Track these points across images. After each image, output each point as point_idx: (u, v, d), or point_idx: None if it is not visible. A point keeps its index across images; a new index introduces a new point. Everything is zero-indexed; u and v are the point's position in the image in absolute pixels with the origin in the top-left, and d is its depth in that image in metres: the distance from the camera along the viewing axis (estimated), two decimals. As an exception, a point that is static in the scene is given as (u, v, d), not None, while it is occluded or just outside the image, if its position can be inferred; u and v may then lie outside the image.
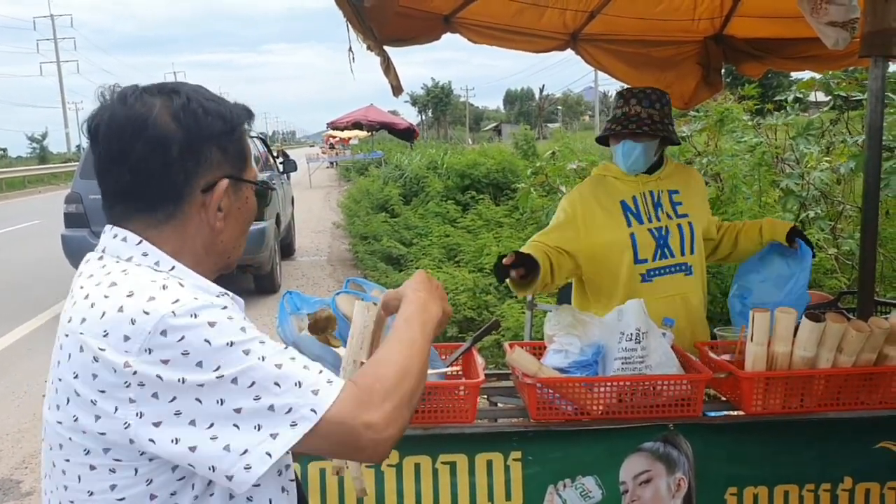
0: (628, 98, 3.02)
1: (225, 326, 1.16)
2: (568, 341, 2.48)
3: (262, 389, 1.14)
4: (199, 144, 1.27)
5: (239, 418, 1.13)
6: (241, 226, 1.38)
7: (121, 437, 1.15)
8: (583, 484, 2.37)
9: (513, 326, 6.17)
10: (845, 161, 6.08)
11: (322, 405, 1.16)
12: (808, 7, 3.09)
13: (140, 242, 1.28)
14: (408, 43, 3.45)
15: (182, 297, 1.17)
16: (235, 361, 1.14)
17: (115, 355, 1.13)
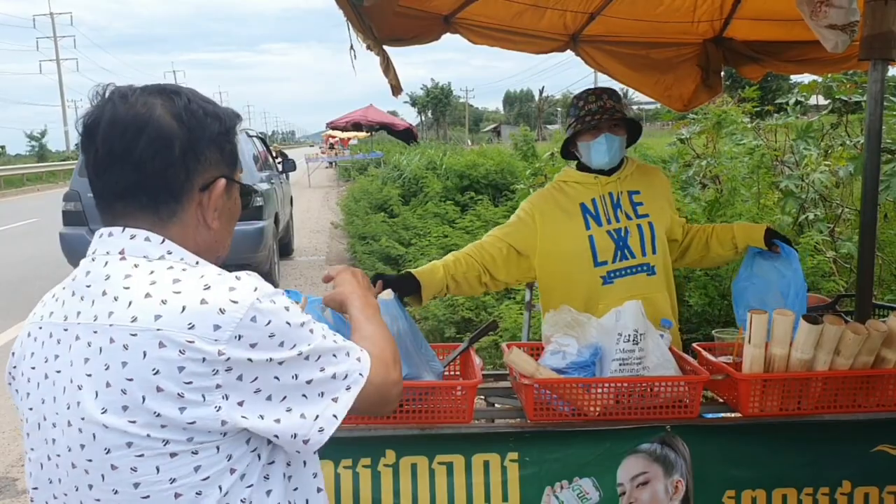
0: (600, 94, 3.05)
1: (294, 309, 1.30)
2: (565, 342, 2.48)
3: (326, 361, 1.33)
4: (200, 144, 1.33)
5: (309, 388, 1.30)
6: (230, 225, 1.45)
7: (212, 422, 1.22)
8: (580, 485, 2.37)
9: (510, 327, 6.17)
10: (844, 164, 6.09)
11: (367, 369, 1.39)
12: (807, 10, 3.09)
13: (164, 241, 1.32)
14: (407, 43, 3.45)
15: (258, 286, 1.28)
16: (306, 339, 1.30)
17: (205, 345, 1.20)
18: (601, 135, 3.01)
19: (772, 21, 3.81)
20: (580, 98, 3.09)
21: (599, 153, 3.03)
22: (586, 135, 3.03)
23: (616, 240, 3.00)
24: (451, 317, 7.17)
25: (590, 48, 4.04)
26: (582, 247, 2.99)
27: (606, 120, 2.99)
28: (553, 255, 3.04)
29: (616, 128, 3.03)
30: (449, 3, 3.40)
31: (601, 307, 2.89)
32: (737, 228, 3.14)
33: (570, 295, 2.99)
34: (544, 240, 3.03)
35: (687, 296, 5.54)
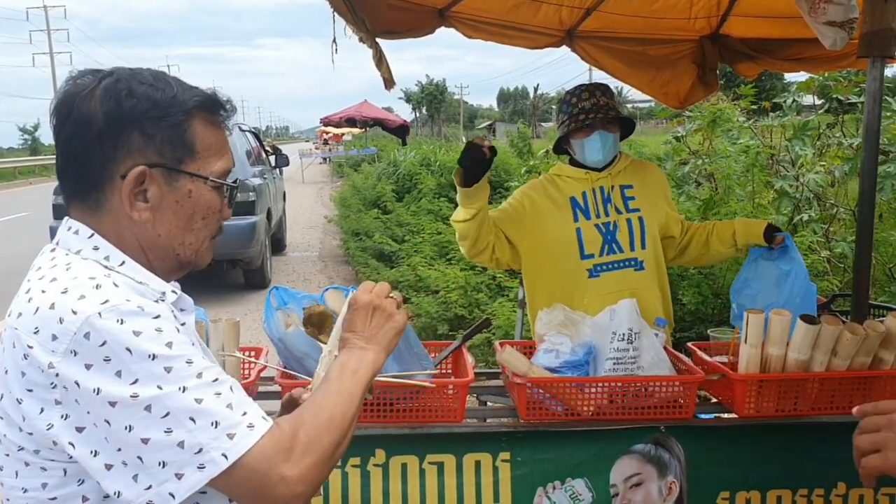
0: (593, 91, 3.03)
1: (151, 337, 1.10)
2: (559, 341, 2.44)
3: (175, 422, 1.08)
4: (117, 128, 1.20)
5: (145, 450, 1.08)
6: (184, 221, 1.28)
7: (44, 438, 1.12)
8: (573, 486, 2.34)
9: (503, 325, 6.14)
10: (839, 164, 6.06)
11: (235, 451, 1.09)
12: (806, 7, 3.06)
13: (92, 236, 1.23)
14: (401, 36, 3.41)
15: (112, 298, 1.12)
16: (153, 378, 1.08)
17: (42, 354, 1.10)
18: (595, 132, 2.99)
19: (769, 18, 3.78)
20: (573, 95, 3.06)
21: (593, 151, 3.01)
22: (580, 132, 3.01)
23: (604, 233, 2.98)
24: (443, 314, 7.13)
25: (585, 44, 4.00)
26: (569, 238, 2.98)
27: (601, 118, 2.97)
28: (540, 245, 3.03)
29: (609, 125, 3.02)
30: (443, -5, 3.36)
31: (586, 300, 2.88)
32: (738, 225, 3.13)
33: (555, 286, 2.98)
34: (532, 229, 3.02)
35: (681, 294, 5.52)
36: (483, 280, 7.69)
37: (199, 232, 1.31)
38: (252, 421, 1.12)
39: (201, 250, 1.33)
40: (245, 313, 7.92)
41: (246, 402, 1.15)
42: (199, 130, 1.26)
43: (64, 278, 1.16)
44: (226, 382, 1.15)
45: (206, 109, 1.28)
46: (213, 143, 1.29)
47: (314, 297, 2.37)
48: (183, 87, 1.26)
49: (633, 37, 3.99)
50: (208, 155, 1.28)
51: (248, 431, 1.11)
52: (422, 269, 8.37)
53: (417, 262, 8.79)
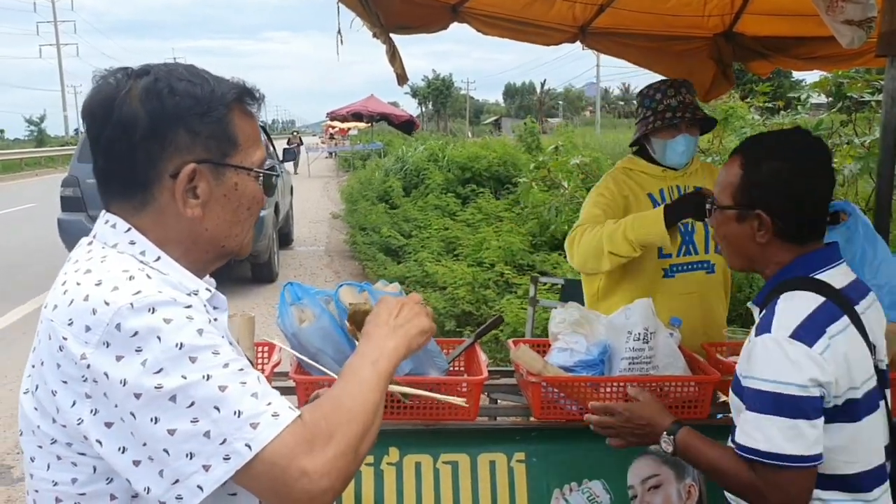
0: (678, 87, 2.91)
1: (180, 326, 1.09)
2: (574, 339, 2.42)
3: (200, 411, 1.06)
4: (163, 127, 1.20)
5: (171, 441, 1.06)
6: (231, 213, 1.28)
7: (75, 432, 1.12)
8: (590, 488, 2.32)
9: (512, 322, 6.13)
10: (850, 162, 6.04)
11: (258, 441, 1.07)
12: (823, 5, 3.03)
13: (129, 230, 1.23)
14: (415, 31, 3.40)
15: (144, 290, 1.11)
16: (179, 368, 1.07)
17: (75, 346, 1.09)
18: (679, 135, 2.90)
19: (783, 16, 3.76)
20: (656, 90, 2.93)
21: (676, 153, 2.93)
22: (663, 132, 2.90)
23: (683, 233, 2.89)
24: (451, 310, 7.13)
25: (599, 40, 3.99)
26: None
27: (687, 119, 2.87)
28: None
29: (692, 127, 2.93)
30: (457, -9, 3.35)
31: (657, 300, 2.82)
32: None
33: (631, 284, 2.92)
34: None
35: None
36: (490, 276, 7.68)
37: (245, 223, 1.32)
38: (277, 410, 1.10)
39: (245, 240, 1.34)
40: (252, 307, 7.93)
41: (271, 392, 1.13)
42: (238, 122, 1.27)
43: (98, 270, 1.15)
44: (252, 374, 1.13)
45: (242, 100, 1.28)
46: (250, 133, 1.30)
47: (328, 292, 2.36)
48: (217, 80, 1.26)
49: (647, 33, 3.97)
50: (248, 146, 1.29)
51: (272, 420, 1.08)
52: (429, 264, 8.35)
53: (425, 258, 8.78)
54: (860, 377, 1.70)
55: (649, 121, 2.91)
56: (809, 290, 1.71)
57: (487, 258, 8.23)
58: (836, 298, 1.70)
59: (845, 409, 1.68)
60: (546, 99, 73.64)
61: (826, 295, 1.69)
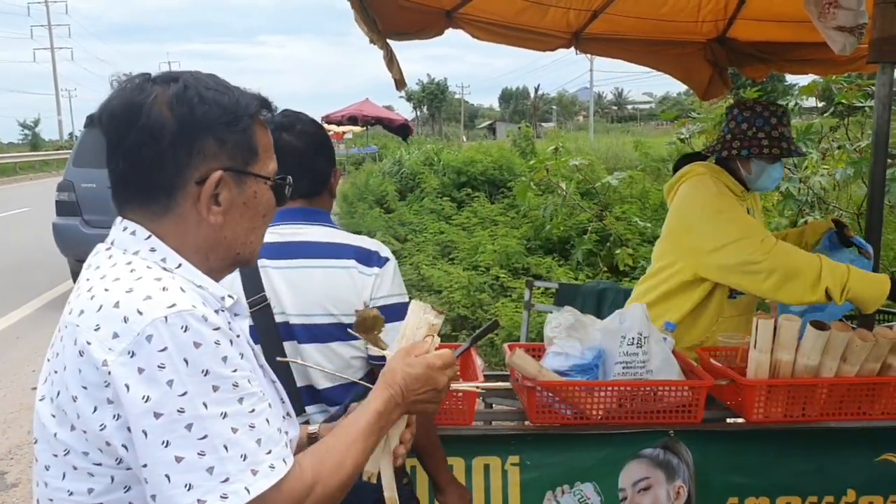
0: (789, 117, 2.84)
1: (209, 350, 1.11)
2: (569, 344, 2.44)
3: (209, 446, 1.08)
4: (191, 135, 1.21)
5: (175, 469, 1.07)
6: (249, 221, 1.31)
7: (97, 438, 1.12)
8: (581, 490, 2.34)
9: (507, 325, 6.14)
10: (843, 167, 6.07)
11: (256, 488, 1.10)
12: (815, 11, 3.06)
13: (149, 237, 1.23)
14: (411, 37, 3.42)
15: (179, 303, 1.12)
16: (201, 395, 1.09)
17: (99, 351, 1.09)
18: (778, 162, 2.84)
19: (776, 22, 3.79)
20: (772, 113, 2.82)
21: (772, 179, 2.87)
22: (768, 157, 2.81)
23: None
24: (446, 314, 7.13)
25: (593, 46, 4.01)
26: None
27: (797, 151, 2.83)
28: None
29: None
30: (451, -3, 3.37)
31: (720, 321, 2.82)
32: (807, 228, 3.06)
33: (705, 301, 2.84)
34: None
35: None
36: (486, 280, 7.69)
37: (260, 230, 1.34)
38: (273, 462, 1.14)
39: (257, 248, 1.36)
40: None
41: (274, 439, 1.16)
42: (258, 133, 1.30)
43: (127, 278, 1.16)
44: (262, 414, 1.15)
45: (262, 112, 1.31)
46: (267, 143, 1.33)
47: None
48: (239, 90, 1.29)
49: (641, 39, 4.00)
50: (266, 156, 1.32)
51: (269, 471, 1.12)
52: (426, 267, 8.37)
53: (421, 262, 8.79)
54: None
55: (762, 144, 2.79)
56: None
57: (483, 261, 8.25)
58: None
59: None
60: (540, 103, 73.76)
61: None
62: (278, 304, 1.89)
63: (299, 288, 1.90)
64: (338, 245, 1.94)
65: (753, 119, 2.82)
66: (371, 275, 1.92)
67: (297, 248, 1.92)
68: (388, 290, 1.93)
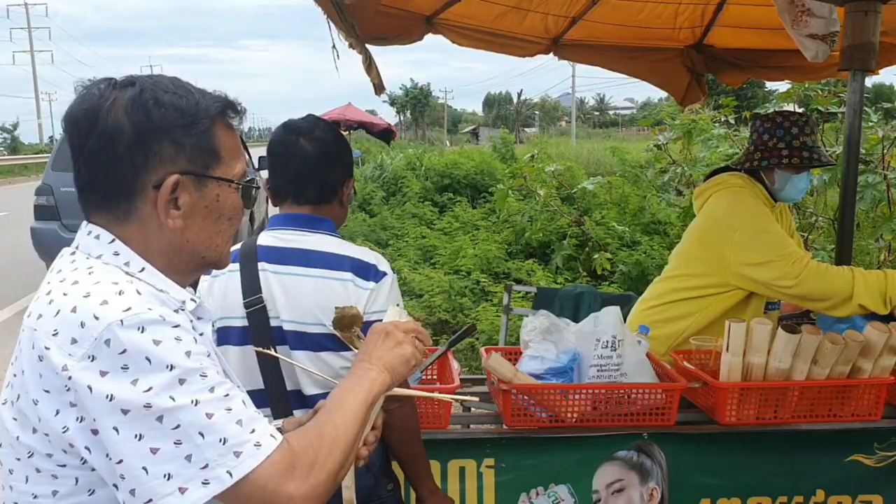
0: (814, 126, 2.82)
1: (170, 346, 1.11)
2: (544, 347, 2.46)
3: (184, 435, 1.08)
4: (147, 139, 1.20)
5: (152, 460, 1.07)
6: (212, 224, 1.29)
7: (60, 441, 1.11)
8: (555, 492, 2.35)
9: (487, 329, 6.16)
10: (818, 173, 6.13)
11: (240, 469, 1.10)
12: (788, 19, 3.11)
13: (113, 241, 1.23)
14: (390, 42, 3.42)
15: (135, 306, 1.12)
16: (168, 389, 1.08)
17: (58, 356, 1.09)
18: (805, 171, 2.82)
19: (752, 29, 3.83)
20: (793, 123, 2.81)
21: (798, 190, 2.86)
22: (793, 167, 2.81)
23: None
24: (427, 319, 7.14)
25: (572, 52, 4.04)
26: None
27: (822, 161, 2.80)
28: None
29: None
30: (431, 3, 3.38)
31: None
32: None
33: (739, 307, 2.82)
34: None
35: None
36: (467, 284, 7.71)
37: (226, 233, 1.33)
38: (260, 439, 1.13)
39: (225, 251, 1.35)
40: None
41: (255, 418, 1.15)
42: (221, 135, 1.28)
43: (86, 282, 1.16)
44: (237, 397, 1.15)
45: (225, 114, 1.30)
46: (232, 146, 1.31)
47: None
48: (202, 92, 1.27)
49: (619, 45, 4.03)
50: (230, 158, 1.30)
51: (254, 450, 1.11)
52: (407, 272, 8.37)
53: (402, 266, 8.79)
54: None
55: (783, 155, 2.79)
56: None
57: (464, 266, 8.26)
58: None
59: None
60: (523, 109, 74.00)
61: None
62: (273, 307, 1.90)
63: (294, 295, 1.90)
64: (337, 256, 1.94)
65: (774, 129, 2.83)
66: (367, 289, 1.91)
67: (296, 254, 1.93)
68: (382, 304, 1.90)
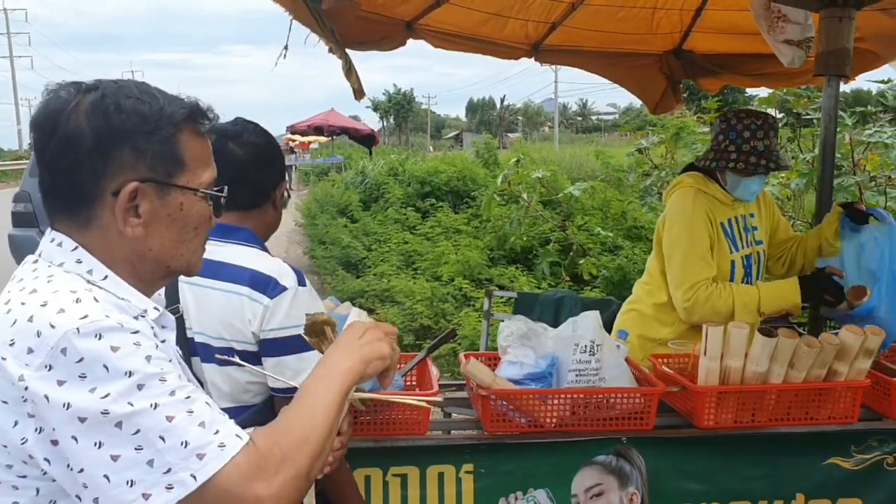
0: (767, 130, 2.78)
1: (128, 353, 1.08)
2: (523, 353, 2.45)
3: (144, 440, 1.05)
4: (107, 144, 1.18)
5: (113, 468, 1.05)
6: (176, 233, 1.26)
7: (19, 452, 1.09)
8: (534, 497, 2.35)
9: (470, 335, 6.15)
10: (796, 177, 6.20)
11: (204, 472, 1.07)
12: (765, 25, 3.13)
13: (75, 249, 1.21)
14: (371, 47, 3.42)
15: (91, 314, 1.09)
16: (126, 395, 1.06)
17: (14, 366, 1.06)
18: (757, 175, 2.80)
19: (730, 34, 3.87)
20: (745, 127, 2.78)
21: (748, 192, 2.85)
22: (737, 171, 2.80)
23: (747, 266, 2.86)
24: (409, 324, 7.13)
25: (552, 56, 4.06)
26: (726, 269, 2.82)
27: (771, 168, 2.78)
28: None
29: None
30: (411, 9, 3.39)
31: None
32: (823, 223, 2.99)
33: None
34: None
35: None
36: (449, 290, 7.70)
37: (191, 242, 1.30)
38: (224, 440, 1.10)
39: (193, 259, 1.32)
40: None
41: (220, 419, 1.12)
42: (186, 142, 1.25)
43: (44, 291, 1.13)
44: (200, 400, 1.12)
45: (193, 120, 1.27)
46: (199, 153, 1.28)
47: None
48: (168, 98, 1.25)
49: (599, 50, 4.05)
50: (196, 166, 1.27)
51: (218, 452, 1.08)
52: (391, 278, 8.37)
53: (384, 272, 8.78)
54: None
55: (731, 158, 2.79)
56: None
57: (446, 272, 8.26)
58: None
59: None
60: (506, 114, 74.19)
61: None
62: (188, 318, 1.88)
63: (202, 307, 1.88)
64: (238, 268, 1.88)
65: (727, 131, 2.83)
66: (262, 304, 1.84)
67: (207, 266, 1.89)
68: (279, 322, 1.84)
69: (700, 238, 2.77)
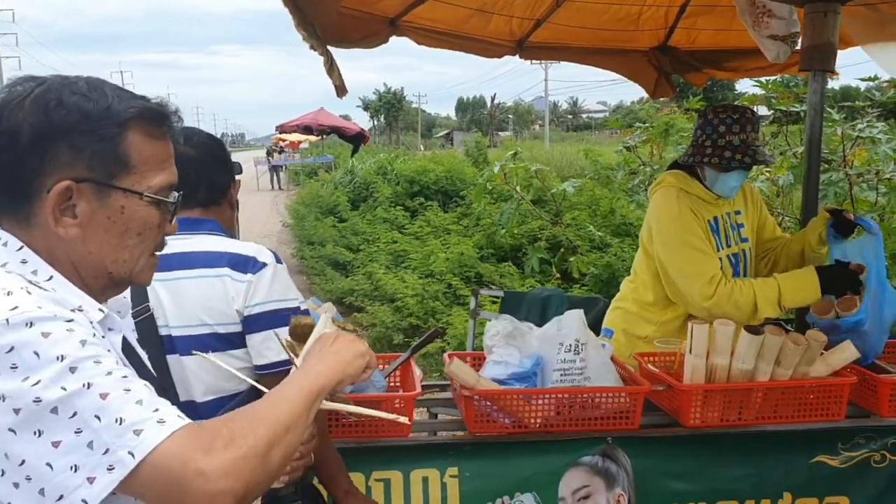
0: (744, 124, 2.73)
1: (60, 338, 1.04)
2: (507, 352, 2.42)
3: (82, 422, 1.01)
4: (45, 140, 1.14)
5: (55, 455, 1.01)
6: (116, 237, 1.21)
7: None
8: (521, 500, 2.32)
9: (458, 334, 6.13)
10: (784, 173, 6.19)
11: (142, 448, 1.02)
12: (749, 20, 3.12)
13: (21, 248, 1.17)
14: (354, 45, 3.39)
15: (22, 305, 1.06)
16: (58, 380, 1.02)
17: None
18: (736, 171, 2.77)
19: (715, 30, 3.85)
20: (721, 122, 2.75)
21: (728, 187, 2.81)
22: (713, 166, 2.79)
23: (734, 264, 2.83)
24: (398, 323, 7.11)
25: (539, 52, 4.04)
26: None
27: (747, 162, 2.73)
28: None
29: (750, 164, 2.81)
30: (394, 5, 3.35)
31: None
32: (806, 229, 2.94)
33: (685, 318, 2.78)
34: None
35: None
36: (440, 289, 7.68)
37: (135, 248, 1.24)
38: (164, 417, 1.05)
39: (137, 267, 1.26)
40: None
41: (161, 402, 1.08)
42: (135, 143, 1.20)
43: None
44: (138, 382, 1.09)
45: (147, 120, 1.21)
46: (151, 156, 1.22)
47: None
48: (121, 97, 1.20)
49: (584, 47, 4.03)
50: (146, 169, 1.22)
51: (157, 427, 1.04)
52: (381, 274, 8.35)
53: (373, 271, 8.75)
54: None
55: (706, 152, 2.76)
56: None
57: (436, 269, 8.24)
58: None
59: None
60: (496, 113, 74.23)
61: None
62: (163, 316, 1.87)
63: (178, 300, 1.87)
64: (213, 253, 1.90)
65: (704, 126, 2.81)
66: (244, 281, 1.87)
67: (177, 259, 1.87)
68: (263, 296, 1.87)
69: (693, 231, 2.74)
